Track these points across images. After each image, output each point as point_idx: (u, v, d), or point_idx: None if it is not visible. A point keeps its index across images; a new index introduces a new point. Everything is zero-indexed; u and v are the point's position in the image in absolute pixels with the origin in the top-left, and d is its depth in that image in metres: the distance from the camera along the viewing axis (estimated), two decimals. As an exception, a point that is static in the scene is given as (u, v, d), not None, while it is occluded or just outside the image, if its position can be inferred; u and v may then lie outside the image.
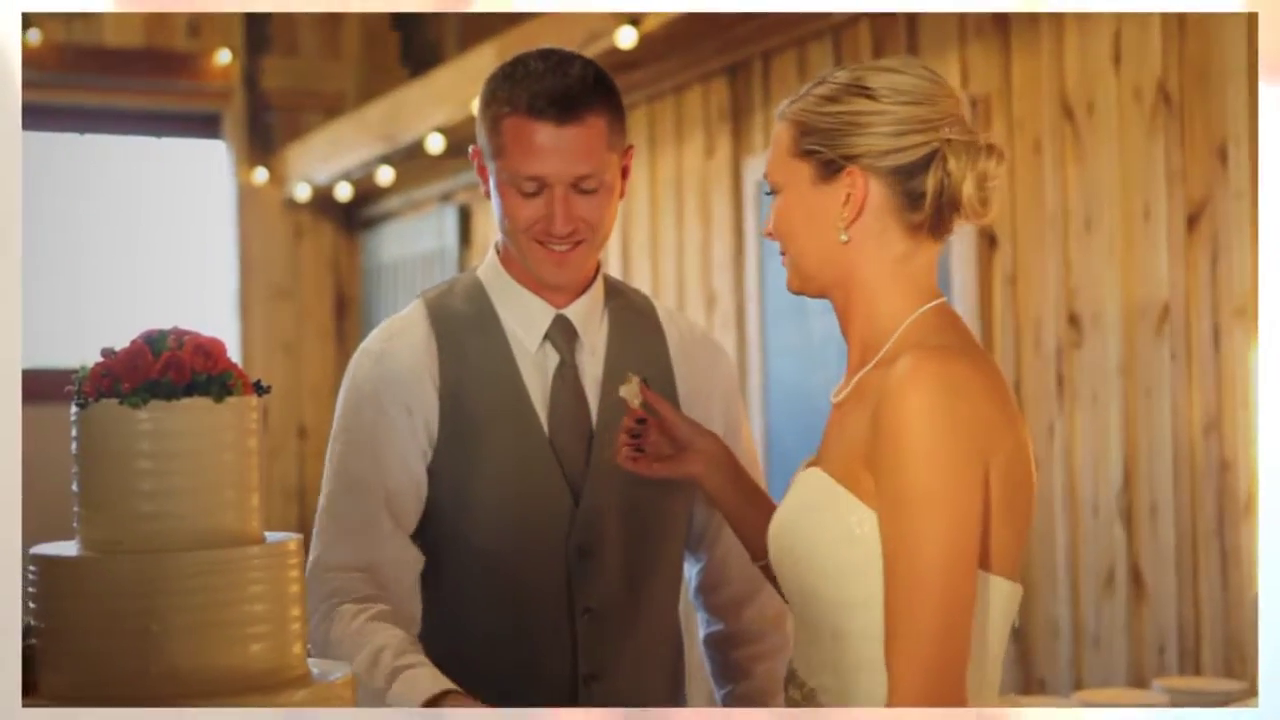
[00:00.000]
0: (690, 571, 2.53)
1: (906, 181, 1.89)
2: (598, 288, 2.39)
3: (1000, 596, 1.86)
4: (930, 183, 1.87)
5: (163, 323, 1.86)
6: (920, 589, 1.75)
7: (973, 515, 1.78)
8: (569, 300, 2.35)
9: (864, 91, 1.89)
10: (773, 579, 2.17)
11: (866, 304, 1.92)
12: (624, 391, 2.24)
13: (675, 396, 2.40)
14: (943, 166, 1.87)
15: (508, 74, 2.28)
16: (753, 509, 2.22)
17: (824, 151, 1.90)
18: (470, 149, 2.36)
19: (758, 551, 2.18)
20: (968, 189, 1.87)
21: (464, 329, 2.34)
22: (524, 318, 2.35)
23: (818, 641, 1.90)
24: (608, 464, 2.30)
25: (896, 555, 1.78)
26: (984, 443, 1.80)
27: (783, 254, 2.00)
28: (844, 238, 1.91)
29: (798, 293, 2.00)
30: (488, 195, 2.33)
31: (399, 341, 2.35)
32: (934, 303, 1.92)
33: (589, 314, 2.37)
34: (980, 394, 1.81)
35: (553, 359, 2.35)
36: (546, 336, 2.34)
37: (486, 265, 2.40)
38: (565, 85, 2.23)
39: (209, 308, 7.66)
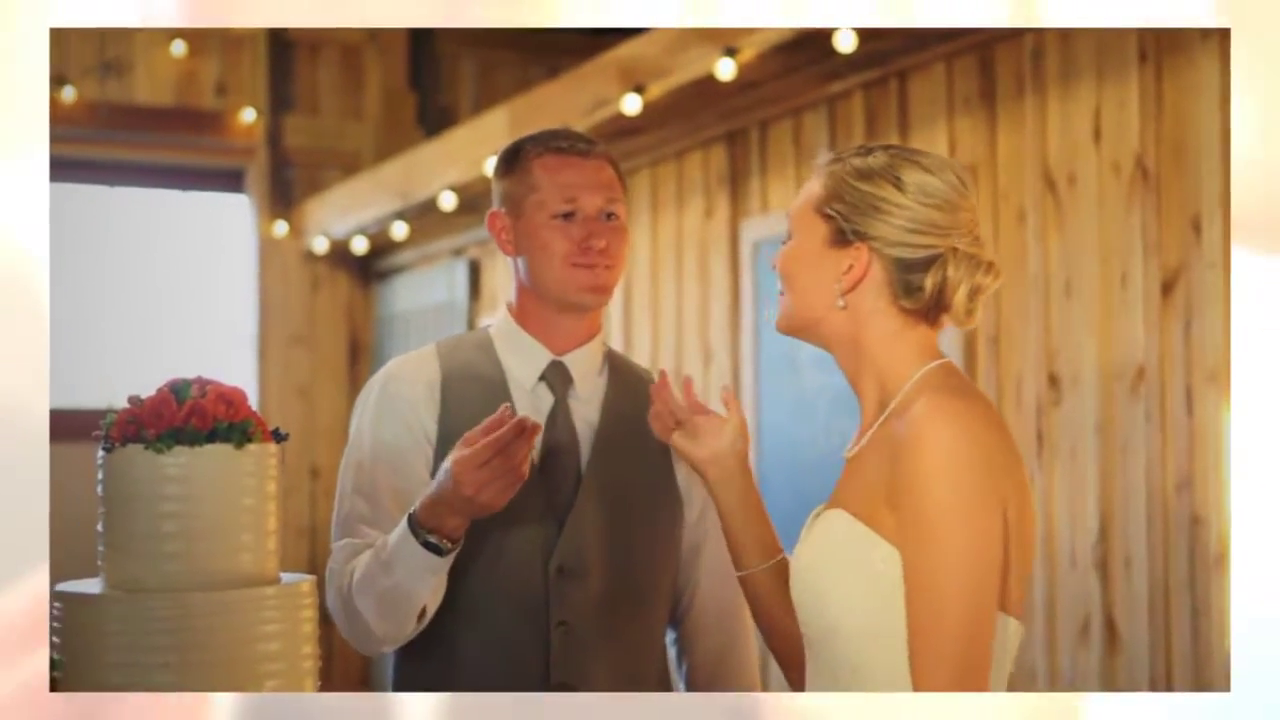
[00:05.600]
0: (669, 637, 2.53)
1: (906, 273, 1.91)
2: (597, 343, 2.47)
3: (1007, 634, 1.87)
4: (929, 281, 1.91)
5: (186, 364, 1.86)
6: (943, 618, 1.76)
7: (994, 549, 1.79)
8: (569, 349, 2.42)
9: (896, 182, 1.91)
10: (752, 593, 2.16)
11: (874, 364, 1.94)
12: None
13: (670, 464, 2.44)
14: (943, 270, 1.90)
15: (527, 138, 2.46)
16: (747, 519, 2.18)
17: (842, 221, 1.92)
18: (488, 215, 2.46)
19: (741, 559, 2.17)
20: (960, 297, 1.91)
21: (469, 374, 2.42)
22: (524, 361, 2.42)
23: (836, 675, 1.89)
24: (593, 501, 2.36)
25: (920, 586, 1.78)
26: (1000, 481, 1.81)
27: (781, 292, 2.01)
28: (841, 303, 1.93)
29: (785, 333, 2.02)
30: (510, 252, 2.43)
31: (408, 372, 2.43)
32: (940, 360, 1.94)
33: (586, 364, 2.44)
34: (993, 435, 1.83)
35: (547, 400, 2.40)
36: (542, 378, 2.41)
37: (498, 321, 2.48)
38: (580, 133, 2.47)
39: (229, 352, 7.65)
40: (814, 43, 4.10)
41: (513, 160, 2.43)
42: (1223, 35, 3.50)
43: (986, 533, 1.79)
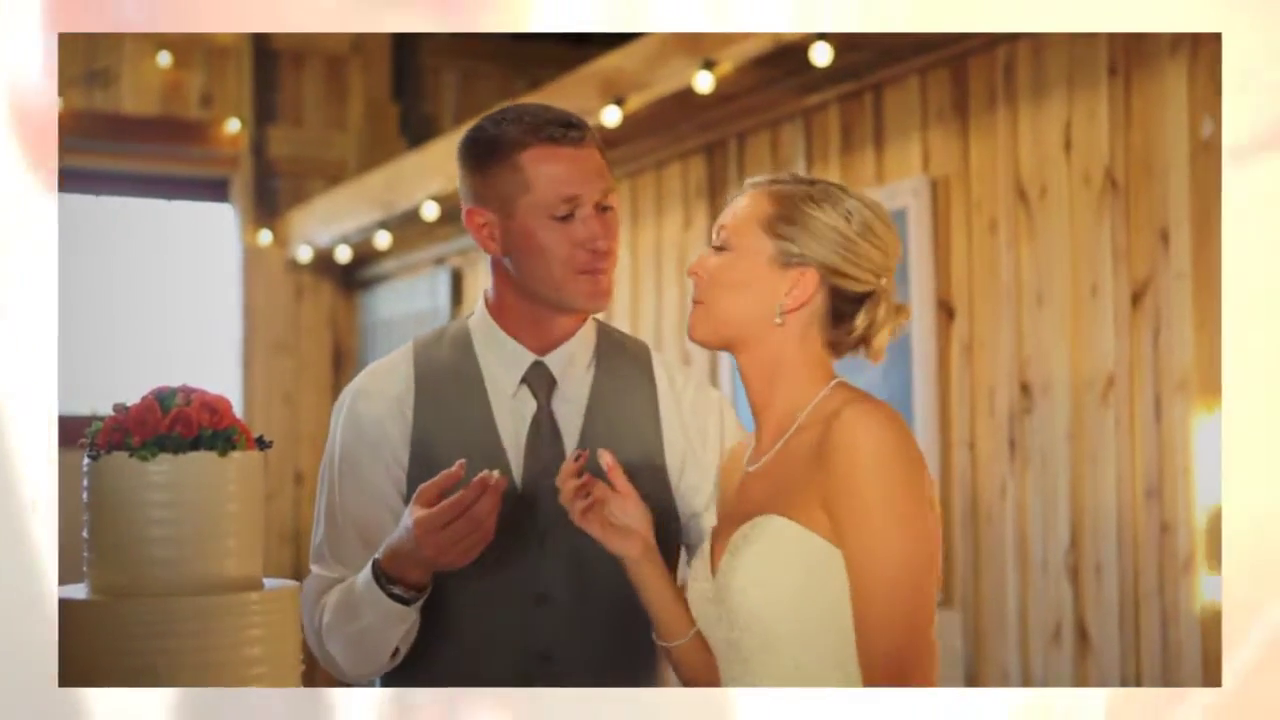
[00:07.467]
0: None
1: (842, 304, 1.97)
2: (582, 336, 2.29)
3: None
4: (861, 319, 1.97)
5: (172, 371, 1.87)
6: (891, 609, 1.82)
7: (933, 540, 1.86)
8: (551, 347, 2.26)
9: (846, 216, 1.96)
10: (684, 661, 2.10)
11: (787, 383, 1.98)
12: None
13: (660, 443, 2.30)
14: (874, 309, 1.97)
15: (503, 121, 2.21)
16: (673, 593, 2.13)
17: (792, 243, 1.96)
18: (466, 212, 2.24)
19: (667, 633, 2.11)
20: (882, 338, 1.99)
21: (445, 375, 2.27)
22: (503, 364, 2.26)
23: (777, 675, 1.91)
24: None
25: (866, 580, 1.83)
26: (925, 478, 1.87)
27: (697, 301, 2.02)
28: (779, 320, 1.97)
29: (701, 341, 2.03)
30: (496, 251, 2.22)
31: (376, 387, 2.29)
32: (838, 379, 1.99)
33: (570, 362, 2.27)
34: (911, 438, 1.89)
35: (529, 406, 2.25)
36: (523, 381, 2.25)
37: (476, 315, 2.32)
38: (565, 114, 2.21)
39: (214, 359, 7.64)
40: (790, 56, 4.12)
41: (492, 153, 2.19)
42: (1192, 47, 3.52)
43: (925, 525, 1.84)
